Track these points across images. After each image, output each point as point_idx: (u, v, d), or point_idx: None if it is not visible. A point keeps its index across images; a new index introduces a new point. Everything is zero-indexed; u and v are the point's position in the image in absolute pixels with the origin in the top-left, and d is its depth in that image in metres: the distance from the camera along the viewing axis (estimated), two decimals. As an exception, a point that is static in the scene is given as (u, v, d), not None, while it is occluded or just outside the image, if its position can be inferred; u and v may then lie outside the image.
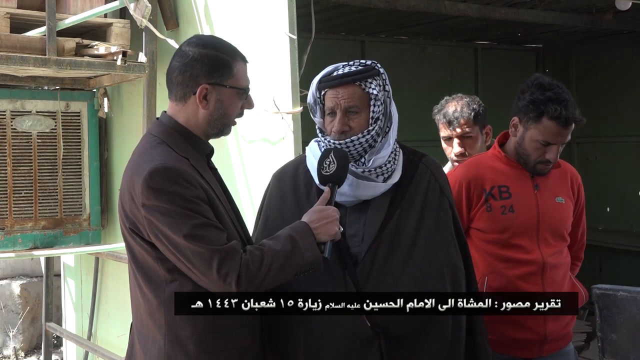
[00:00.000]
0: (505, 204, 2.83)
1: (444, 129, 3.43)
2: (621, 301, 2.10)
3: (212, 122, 2.19)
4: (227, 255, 1.99)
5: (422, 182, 2.41)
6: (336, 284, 2.28)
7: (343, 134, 2.32)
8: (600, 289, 2.17)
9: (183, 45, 2.20)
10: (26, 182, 4.40)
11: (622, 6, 5.10)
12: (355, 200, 2.36)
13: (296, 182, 2.43)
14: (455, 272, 2.36)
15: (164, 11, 4.10)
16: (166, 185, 2.01)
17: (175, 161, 2.08)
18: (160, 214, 2.01)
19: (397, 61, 7.11)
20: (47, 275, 5.25)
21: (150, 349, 2.13)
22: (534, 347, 2.81)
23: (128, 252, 2.18)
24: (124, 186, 2.14)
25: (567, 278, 2.88)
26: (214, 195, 2.13)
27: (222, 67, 2.16)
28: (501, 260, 2.82)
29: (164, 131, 2.19)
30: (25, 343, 6.92)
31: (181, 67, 2.16)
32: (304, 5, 3.70)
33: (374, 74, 2.34)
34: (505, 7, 5.77)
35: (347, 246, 2.33)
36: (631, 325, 2.07)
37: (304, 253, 2.09)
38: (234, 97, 2.20)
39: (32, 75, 4.42)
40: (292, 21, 3.31)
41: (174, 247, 2.01)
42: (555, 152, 2.76)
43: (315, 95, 2.38)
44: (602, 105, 7.64)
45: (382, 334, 2.25)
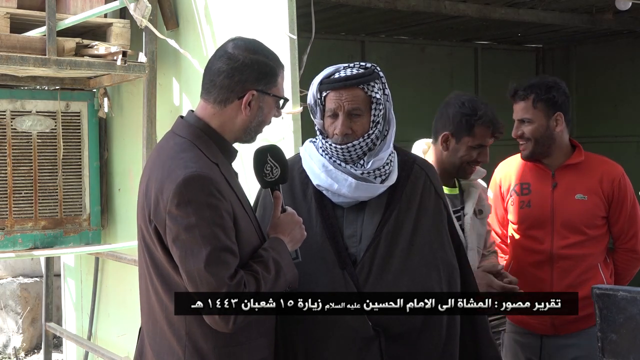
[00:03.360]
0: (524, 199, 3.18)
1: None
2: (621, 301, 2.10)
3: (248, 129, 2.18)
4: (231, 292, 1.97)
5: (418, 184, 2.43)
6: (336, 284, 2.29)
7: (345, 137, 2.32)
8: (600, 289, 2.17)
9: (229, 48, 2.15)
10: (26, 182, 4.40)
11: (622, 6, 5.10)
12: (352, 202, 2.37)
13: (291, 182, 2.43)
14: (451, 271, 2.39)
15: (164, 11, 4.10)
16: (199, 196, 1.98)
17: (209, 169, 2.05)
18: (183, 229, 1.97)
19: (397, 61, 7.10)
20: (47, 275, 5.25)
21: (166, 358, 2.10)
22: (547, 323, 3.09)
23: (146, 255, 2.13)
24: (151, 188, 2.07)
25: (587, 269, 3.08)
26: (239, 205, 2.11)
27: (269, 74, 2.15)
28: (520, 247, 3.20)
29: (192, 132, 2.14)
30: (25, 343, 6.92)
31: (229, 71, 2.12)
32: (304, 5, 3.70)
33: (375, 77, 2.35)
34: (505, 7, 5.77)
35: (345, 246, 2.34)
36: (631, 325, 2.07)
37: (286, 275, 2.11)
38: (272, 105, 2.19)
39: (32, 75, 4.42)
40: (292, 21, 3.31)
41: (185, 272, 1.99)
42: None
43: (316, 97, 2.38)
44: (602, 105, 7.64)
45: (382, 332, 2.26)
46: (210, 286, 1.95)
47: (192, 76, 4.01)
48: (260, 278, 2.03)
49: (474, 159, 2.85)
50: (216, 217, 1.99)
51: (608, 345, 2.14)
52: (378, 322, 2.27)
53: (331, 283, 2.29)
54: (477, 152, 2.85)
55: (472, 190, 2.97)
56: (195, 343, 2.06)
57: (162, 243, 2.05)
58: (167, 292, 2.08)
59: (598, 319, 2.18)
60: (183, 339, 2.07)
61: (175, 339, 2.08)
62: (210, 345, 2.06)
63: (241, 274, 2.00)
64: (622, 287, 2.19)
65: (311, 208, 2.39)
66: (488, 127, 2.84)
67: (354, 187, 2.33)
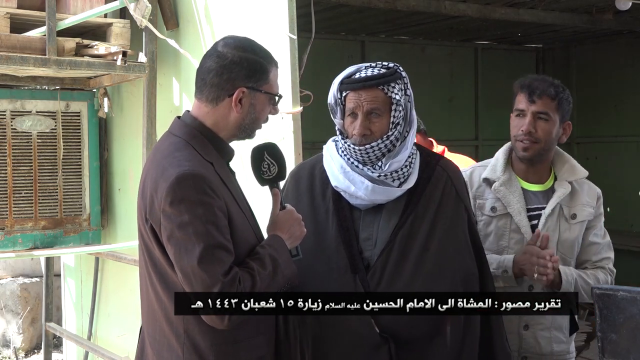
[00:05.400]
0: None
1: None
2: (621, 301, 2.10)
3: (242, 127, 2.18)
4: (225, 290, 1.97)
5: (439, 186, 2.39)
6: (346, 289, 2.28)
7: (364, 137, 2.30)
8: (600, 289, 2.17)
9: (219, 46, 2.17)
10: (26, 182, 4.40)
11: (622, 6, 5.11)
12: (369, 204, 2.35)
13: (312, 182, 2.43)
14: (468, 277, 2.35)
15: (164, 11, 4.10)
16: (191, 194, 1.99)
17: (202, 167, 2.06)
18: (177, 227, 1.99)
19: (397, 61, 7.02)
20: (47, 275, 5.25)
21: (166, 356, 2.11)
22: None
23: (145, 254, 2.15)
24: (147, 187, 2.10)
25: None
26: (235, 204, 2.11)
27: (259, 71, 2.15)
28: None
29: (188, 132, 2.15)
30: (25, 343, 6.92)
31: (218, 69, 2.13)
32: (304, 5, 3.70)
33: (396, 77, 2.33)
34: (505, 7, 5.77)
35: (360, 250, 2.32)
36: (631, 325, 2.07)
37: (284, 271, 2.11)
38: (266, 102, 2.19)
39: (32, 75, 4.42)
40: (292, 21, 3.31)
41: (180, 270, 2.00)
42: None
43: (336, 96, 2.36)
44: (602, 105, 7.64)
45: (391, 338, 2.25)
46: (204, 283, 1.96)
47: (192, 76, 3.97)
48: (255, 274, 2.03)
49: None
50: (209, 215, 1.99)
51: (608, 345, 2.14)
52: (386, 328, 2.25)
53: (341, 288, 2.28)
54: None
55: (560, 189, 2.74)
56: (193, 341, 2.07)
57: (158, 241, 2.06)
58: (166, 290, 2.08)
59: (598, 319, 2.18)
60: (181, 336, 2.08)
61: (174, 337, 2.09)
62: (208, 343, 2.07)
63: (235, 271, 2.00)
64: (622, 287, 2.18)
65: (329, 209, 2.38)
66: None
67: (370, 190, 2.31)
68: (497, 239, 2.75)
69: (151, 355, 2.17)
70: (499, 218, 2.75)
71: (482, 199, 2.79)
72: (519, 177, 2.79)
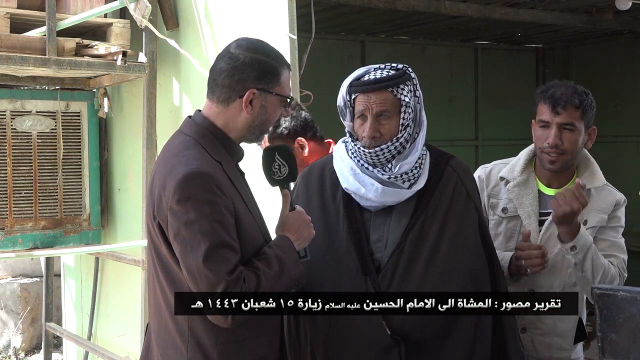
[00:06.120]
0: None
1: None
2: (621, 301, 2.10)
3: (252, 128, 2.18)
4: (230, 288, 1.97)
5: (449, 186, 2.38)
6: (357, 290, 2.28)
7: (373, 140, 2.30)
8: (600, 289, 2.17)
9: (232, 48, 2.18)
10: (26, 182, 4.40)
11: (622, 6, 5.11)
12: (379, 206, 2.34)
13: (322, 183, 2.43)
14: (477, 277, 2.34)
15: (164, 11, 4.11)
16: (198, 192, 2.00)
17: (210, 166, 2.07)
18: (183, 225, 2.00)
19: (397, 61, 7.06)
20: (47, 275, 5.25)
21: (171, 354, 2.12)
22: None
23: (152, 252, 2.16)
24: (155, 185, 2.11)
25: None
26: (242, 204, 2.12)
27: (270, 73, 2.15)
28: None
29: (198, 131, 2.16)
30: (25, 343, 6.92)
31: (230, 70, 2.13)
32: (304, 5, 3.70)
33: (405, 79, 2.32)
34: (505, 7, 5.77)
35: (370, 252, 2.32)
36: (631, 325, 2.07)
37: (290, 272, 2.11)
38: (276, 104, 2.19)
39: (32, 75, 4.42)
40: (292, 21, 3.31)
41: (185, 267, 2.01)
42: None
43: (346, 99, 2.35)
44: (602, 105, 7.58)
45: (402, 341, 2.25)
46: (209, 281, 1.96)
47: (192, 76, 4.02)
48: (260, 274, 2.04)
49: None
50: (215, 214, 2.00)
51: (608, 345, 2.14)
52: (397, 331, 2.25)
53: (352, 289, 2.28)
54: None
55: None
56: (197, 339, 2.08)
57: (166, 239, 2.07)
58: (172, 287, 2.10)
59: (598, 319, 2.17)
60: (186, 334, 2.09)
61: (178, 335, 2.10)
62: (212, 341, 2.08)
63: (240, 269, 2.01)
64: (622, 287, 2.18)
65: (339, 211, 2.38)
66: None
67: (380, 192, 2.30)
68: (506, 239, 2.73)
69: (156, 352, 2.18)
70: (509, 220, 2.73)
71: (496, 198, 2.77)
72: (541, 182, 2.75)
